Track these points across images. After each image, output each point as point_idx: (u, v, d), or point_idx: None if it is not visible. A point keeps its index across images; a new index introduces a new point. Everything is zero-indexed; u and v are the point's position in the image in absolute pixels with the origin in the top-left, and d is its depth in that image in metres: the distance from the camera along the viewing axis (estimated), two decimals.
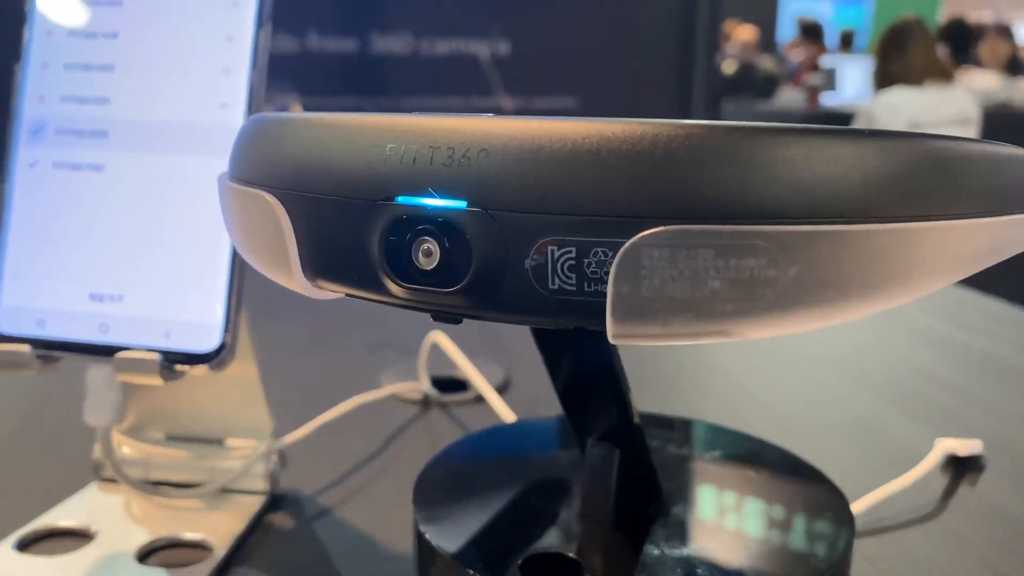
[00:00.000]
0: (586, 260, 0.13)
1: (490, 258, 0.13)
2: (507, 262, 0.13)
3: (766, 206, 0.12)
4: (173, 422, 0.34)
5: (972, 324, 0.57)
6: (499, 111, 1.64)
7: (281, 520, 0.32)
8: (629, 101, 2.64)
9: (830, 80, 3.43)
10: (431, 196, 0.14)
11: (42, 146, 0.28)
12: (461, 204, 0.14)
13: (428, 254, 0.14)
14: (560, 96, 2.58)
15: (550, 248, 0.13)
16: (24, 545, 0.30)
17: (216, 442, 0.33)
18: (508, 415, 0.37)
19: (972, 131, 2.54)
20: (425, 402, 0.42)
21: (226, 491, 0.32)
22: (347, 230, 0.15)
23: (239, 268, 0.26)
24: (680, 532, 0.21)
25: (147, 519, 0.31)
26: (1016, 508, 0.32)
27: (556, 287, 0.13)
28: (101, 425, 0.27)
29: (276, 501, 0.33)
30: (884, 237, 0.13)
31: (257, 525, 0.31)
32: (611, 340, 0.13)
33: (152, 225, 0.27)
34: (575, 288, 0.13)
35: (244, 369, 0.31)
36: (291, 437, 0.35)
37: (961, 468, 0.35)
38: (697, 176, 0.12)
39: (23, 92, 0.28)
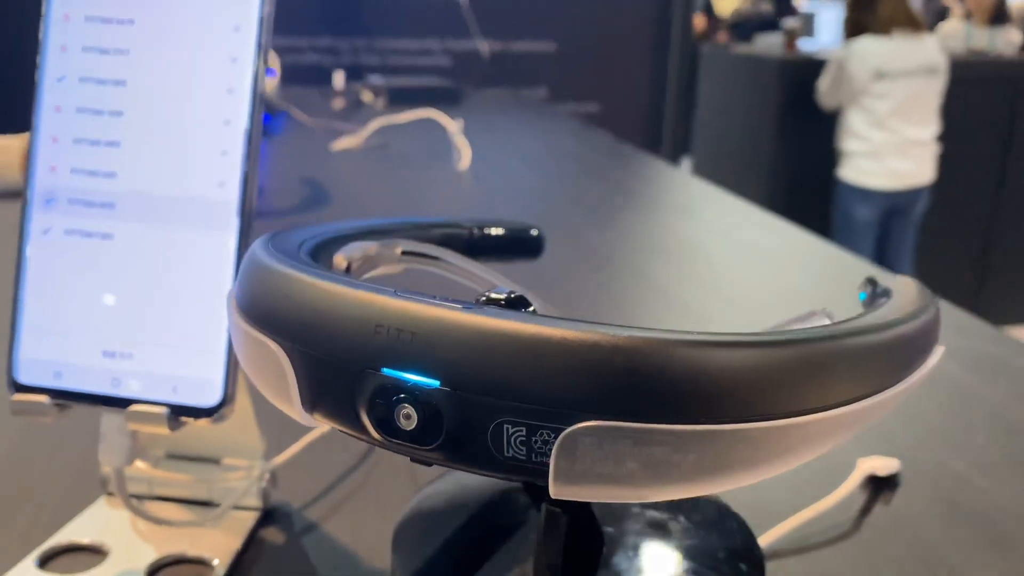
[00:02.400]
0: (533, 438, 0.16)
1: (457, 428, 0.17)
2: (471, 432, 0.17)
3: (669, 408, 0.16)
4: (173, 442, 0.37)
5: None
6: (476, 53, 1.65)
7: (273, 535, 0.35)
8: (605, 46, 2.64)
9: (809, 25, 3.43)
10: (411, 373, 0.17)
11: (55, 214, 0.30)
12: (435, 383, 0.17)
13: (408, 417, 0.17)
14: (537, 40, 2.57)
15: (505, 426, 0.17)
16: (44, 562, 0.33)
17: (213, 461, 0.37)
18: None
19: (940, 80, 2.57)
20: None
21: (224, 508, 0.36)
22: (340, 387, 0.18)
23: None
24: None
25: (153, 536, 0.34)
26: (926, 529, 0.37)
27: (510, 455, 0.17)
28: (115, 467, 0.31)
29: (267, 516, 0.37)
30: (763, 432, 0.16)
31: (252, 540, 0.35)
32: (552, 496, 0.17)
33: (158, 290, 0.30)
34: (525, 457, 0.17)
35: (238, 398, 0.34)
36: (281, 457, 0.38)
37: (879, 487, 0.40)
38: (618, 381, 0.16)
39: (35, 162, 0.31)
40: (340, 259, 0.25)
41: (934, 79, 2.57)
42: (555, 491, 0.17)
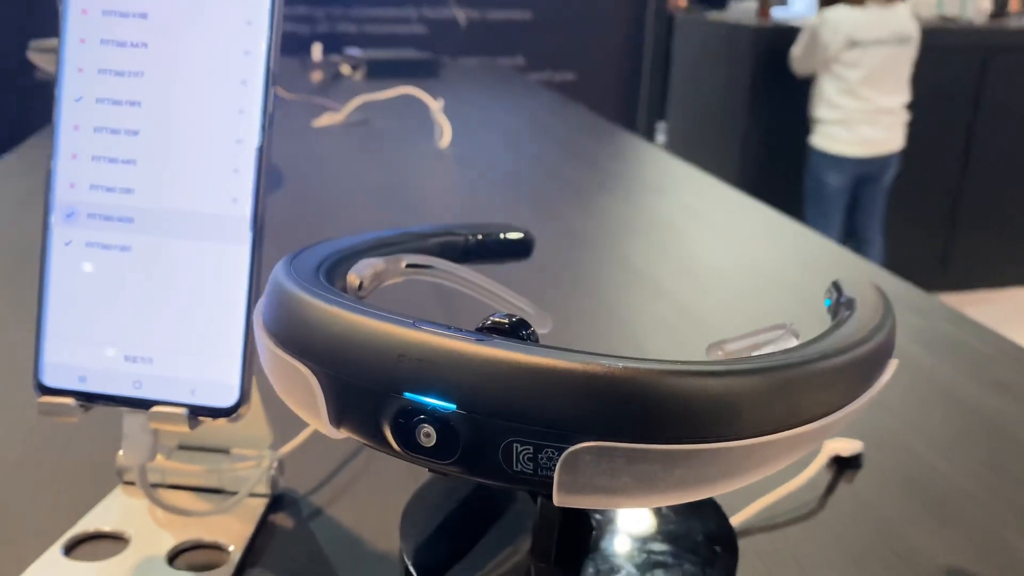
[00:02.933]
0: (539, 455, 0.19)
1: (471, 446, 0.19)
2: (484, 450, 0.19)
3: (658, 431, 0.18)
4: (185, 434, 0.39)
5: None
6: (453, 22, 1.65)
7: (282, 520, 0.38)
8: (581, 15, 2.64)
9: None
10: (430, 397, 0.19)
11: (75, 227, 0.32)
12: (452, 406, 0.19)
13: (427, 435, 0.20)
14: (513, 8, 2.56)
15: (514, 444, 0.19)
16: (69, 549, 0.36)
17: (223, 451, 0.39)
18: None
19: (912, 49, 2.61)
20: None
21: (233, 494, 0.38)
22: (366, 408, 0.20)
23: (251, 337, 0.32)
24: (606, 562, 0.28)
25: (170, 523, 0.37)
26: (886, 507, 0.40)
27: (519, 469, 0.19)
28: (137, 464, 0.33)
29: (276, 502, 0.39)
30: (740, 449, 0.19)
31: (263, 525, 0.37)
32: (556, 504, 0.19)
33: (176, 299, 0.32)
34: (531, 472, 0.19)
35: None
36: (288, 447, 0.41)
37: (843, 467, 0.43)
38: (614, 407, 0.18)
39: (55, 179, 0.32)
40: (353, 278, 0.28)
41: (905, 48, 2.60)
42: (558, 500, 0.19)
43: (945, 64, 2.96)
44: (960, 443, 0.46)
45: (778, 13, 3.35)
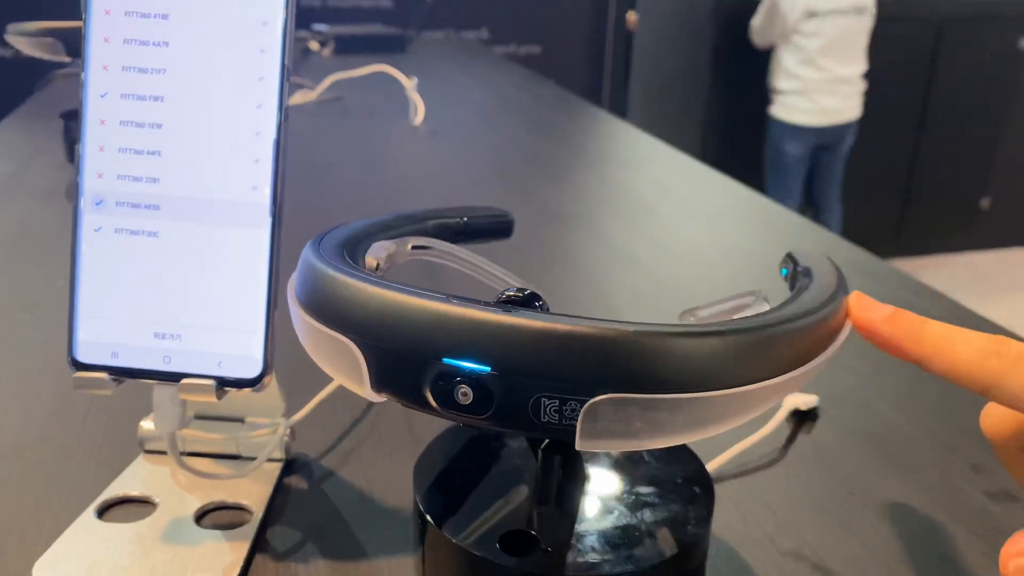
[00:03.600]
0: (564, 408, 0.22)
1: (504, 402, 0.23)
2: (515, 405, 0.22)
3: (666, 383, 0.22)
4: (202, 404, 0.42)
5: None
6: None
7: (297, 482, 0.41)
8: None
9: None
10: (468, 361, 0.23)
11: (104, 214, 0.35)
12: (486, 368, 0.23)
13: (465, 394, 0.23)
14: None
15: (542, 399, 0.22)
16: (101, 512, 0.38)
17: (238, 420, 0.42)
18: None
19: (868, 19, 2.66)
20: None
21: (251, 459, 0.41)
22: (407, 373, 0.23)
23: (273, 313, 0.35)
24: (599, 507, 0.32)
25: (194, 487, 0.40)
26: (842, 455, 0.44)
27: (546, 420, 0.22)
28: (168, 431, 0.36)
29: (289, 466, 0.42)
30: (730, 396, 0.22)
31: (279, 487, 0.40)
32: (577, 448, 0.22)
33: (202, 280, 0.34)
34: (557, 422, 0.22)
35: None
36: (299, 415, 0.44)
37: (802, 419, 0.47)
38: (628, 364, 0.22)
39: (83, 169, 0.35)
40: (371, 259, 0.30)
41: (862, 18, 2.66)
42: (580, 445, 0.22)
43: (900, 33, 3.02)
44: (912, 398, 0.50)
45: None
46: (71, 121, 0.92)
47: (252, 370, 0.35)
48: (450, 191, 0.92)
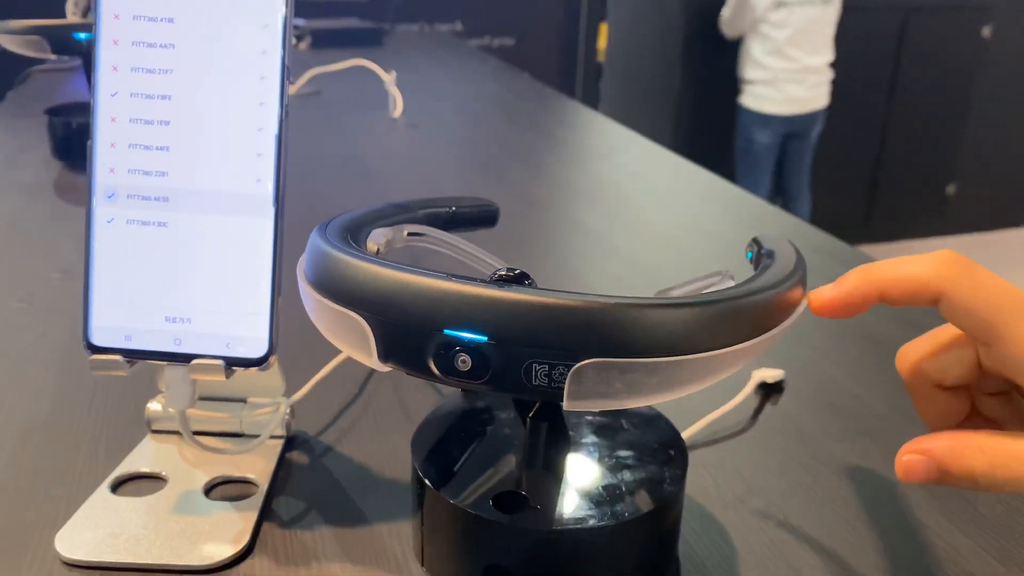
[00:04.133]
0: (553, 372, 0.25)
1: (499, 368, 0.25)
2: (509, 370, 0.25)
3: (640, 348, 0.25)
4: (204, 386, 0.44)
5: None
6: None
7: (298, 457, 0.44)
8: None
9: None
10: (465, 332, 0.25)
11: (116, 207, 0.37)
12: (483, 338, 0.25)
13: (464, 362, 0.26)
14: None
15: (533, 365, 0.25)
16: (115, 488, 0.41)
17: (241, 400, 0.45)
18: None
19: (835, 9, 2.71)
20: None
21: (253, 437, 0.44)
22: (412, 344, 0.26)
23: (277, 297, 0.37)
24: (582, 470, 0.35)
25: (201, 463, 0.42)
26: (806, 423, 0.47)
27: (537, 383, 0.25)
28: (179, 409, 0.38)
29: (290, 442, 0.45)
30: (700, 360, 0.25)
31: (281, 462, 0.43)
32: (564, 409, 0.25)
33: (210, 266, 0.37)
34: (547, 385, 0.25)
35: None
36: (299, 394, 0.46)
37: (769, 391, 0.50)
38: (609, 332, 0.24)
39: (95, 165, 0.37)
40: (372, 245, 0.33)
41: (829, 8, 2.71)
42: (567, 405, 0.25)
43: (867, 23, 3.08)
44: (871, 371, 0.53)
45: None
46: (56, 117, 0.93)
47: (258, 350, 0.37)
48: (432, 182, 0.94)
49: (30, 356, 0.53)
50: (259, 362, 0.37)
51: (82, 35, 0.84)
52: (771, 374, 0.50)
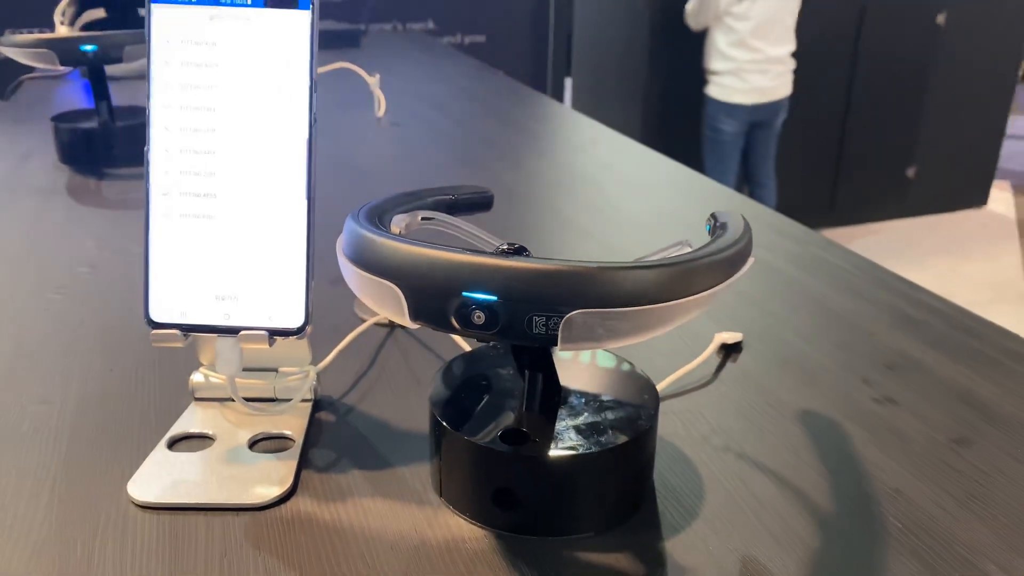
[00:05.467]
0: (549, 322, 0.32)
1: (508, 321, 0.32)
2: (515, 322, 0.32)
3: (616, 301, 0.32)
4: (244, 358, 0.51)
5: (758, 237, 0.80)
6: None
7: (326, 416, 0.50)
8: None
9: None
10: (479, 293, 0.32)
11: (170, 202, 0.43)
12: (494, 298, 0.32)
13: (479, 317, 0.32)
14: None
15: (534, 318, 0.32)
16: (170, 446, 0.47)
17: (273, 370, 0.51)
18: (460, 339, 0.56)
19: (796, 1, 2.80)
20: (391, 326, 0.61)
21: (285, 401, 0.50)
22: (436, 305, 0.33)
23: (311, 275, 0.44)
24: (571, 411, 0.42)
25: (243, 424, 0.49)
26: (762, 377, 0.55)
27: (536, 332, 0.32)
28: (229, 375, 0.45)
29: (317, 405, 0.51)
30: (666, 307, 0.32)
31: (312, 421, 0.50)
32: (559, 351, 0.32)
33: (252, 250, 0.43)
34: (544, 333, 0.32)
35: None
36: (323, 363, 0.53)
37: (730, 351, 0.58)
38: (590, 289, 0.31)
39: (151, 167, 0.43)
40: (395, 228, 0.40)
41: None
42: (561, 348, 0.32)
43: (826, 13, 3.18)
44: (821, 333, 0.61)
45: None
46: (62, 124, 0.98)
47: (296, 322, 0.44)
48: (419, 176, 1.01)
49: (74, 341, 0.59)
50: (297, 331, 0.44)
51: (88, 47, 0.90)
52: (731, 336, 0.58)
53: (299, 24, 0.42)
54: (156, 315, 0.44)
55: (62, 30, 1.35)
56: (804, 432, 0.49)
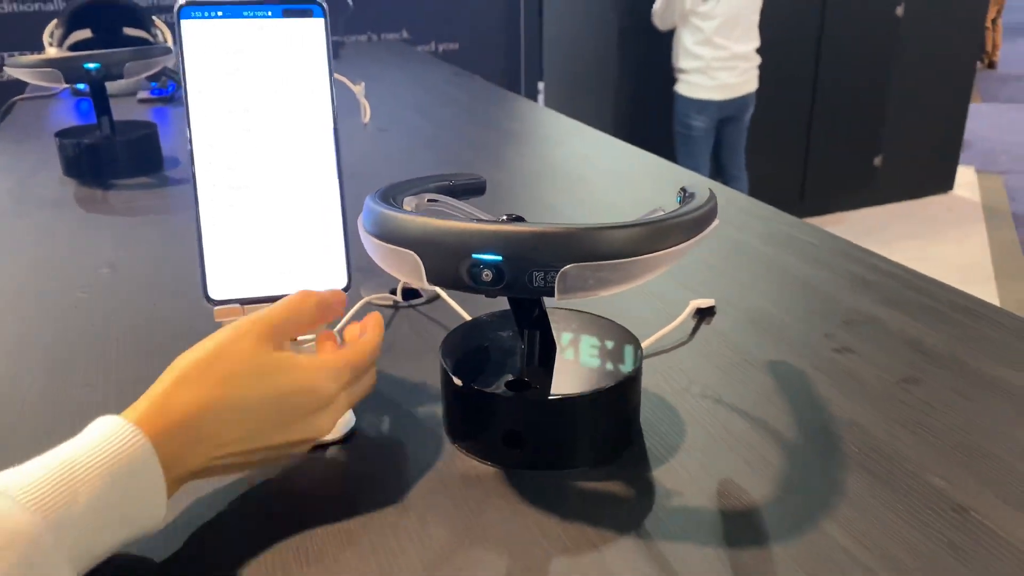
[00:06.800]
0: (547, 276, 0.38)
1: (512, 278, 0.38)
2: (518, 279, 0.38)
3: (606, 255, 0.38)
4: None
5: (730, 218, 0.87)
6: (342, 2, 1.77)
7: None
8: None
9: None
10: (487, 255, 0.38)
11: (216, 192, 0.49)
12: (499, 259, 0.38)
13: (487, 276, 0.38)
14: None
15: (534, 273, 0.38)
16: None
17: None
18: (461, 310, 0.62)
19: None
20: (395, 306, 0.67)
21: None
22: (450, 265, 0.39)
23: (350, 243, 0.49)
24: (566, 365, 0.48)
25: None
26: (734, 335, 0.61)
27: (536, 285, 0.38)
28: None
29: None
30: (645, 259, 0.38)
31: None
32: (556, 301, 0.38)
33: (296, 227, 0.49)
34: (543, 286, 0.38)
35: None
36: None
37: (704, 314, 0.64)
38: (582, 247, 0.38)
39: (197, 162, 0.49)
40: (407, 207, 0.46)
41: None
42: (558, 298, 0.38)
43: (789, 9, 3.27)
44: (786, 297, 0.68)
45: None
46: (66, 139, 1.03)
47: (342, 281, 0.50)
48: (409, 175, 1.06)
49: (105, 332, 0.64)
50: (345, 289, 0.49)
51: (92, 65, 0.95)
52: (705, 302, 0.64)
53: (315, 30, 0.48)
54: (215, 294, 0.49)
55: (51, 51, 1.40)
56: (772, 379, 0.55)
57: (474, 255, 0.39)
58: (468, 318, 0.61)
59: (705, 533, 0.41)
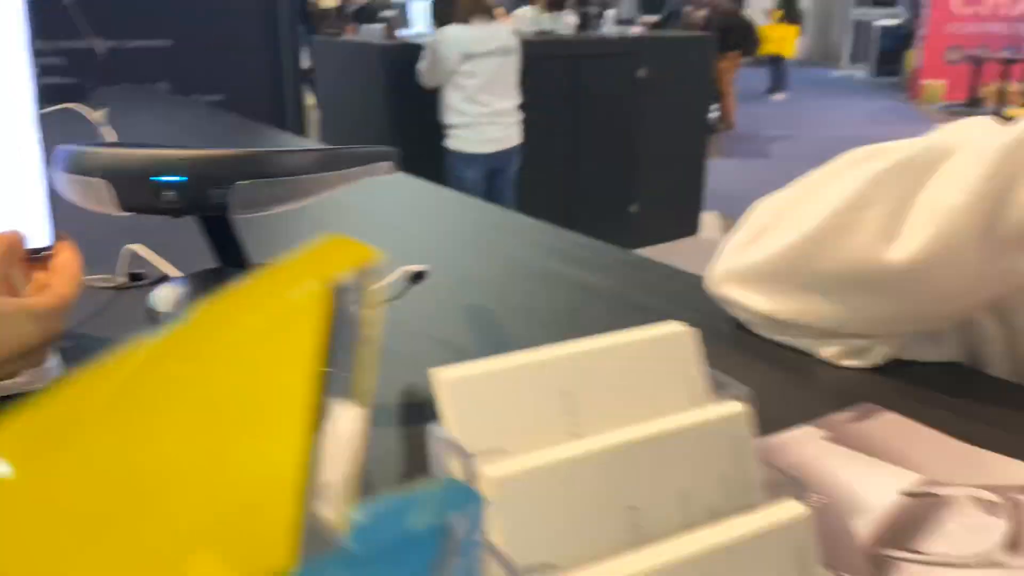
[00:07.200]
0: (225, 192, 0.44)
1: (193, 196, 0.44)
2: (199, 196, 0.43)
3: (276, 172, 0.44)
4: None
5: (480, 227, 0.96)
6: (92, 52, 1.74)
7: None
8: (220, 41, 2.80)
9: (403, 16, 3.88)
10: (172, 177, 0.43)
11: None
12: (184, 179, 0.44)
13: (172, 197, 0.44)
14: (152, 38, 2.65)
15: (212, 191, 0.44)
16: None
17: None
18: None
19: (515, 59, 3.11)
20: (122, 287, 0.69)
21: None
22: (138, 190, 0.44)
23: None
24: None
25: None
26: (444, 296, 0.69)
27: (215, 202, 0.44)
28: None
29: None
30: (309, 179, 0.45)
31: None
32: (234, 216, 0.44)
33: None
34: (223, 201, 0.44)
35: None
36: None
37: (416, 278, 0.72)
38: (253, 167, 0.44)
39: None
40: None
41: (510, 57, 3.10)
42: (235, 213, 0.44)
43: (546, 70, 3.54)
44: (493, 261, 0.77)
45: (402, 32, 3.76)
46: None
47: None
48: None
49: None
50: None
51: None
52: (416, 267, 0.72)
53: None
54: None
55: None
56: (472, 315, 0.64)
57: (160, 178, 0.44)
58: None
59: None
